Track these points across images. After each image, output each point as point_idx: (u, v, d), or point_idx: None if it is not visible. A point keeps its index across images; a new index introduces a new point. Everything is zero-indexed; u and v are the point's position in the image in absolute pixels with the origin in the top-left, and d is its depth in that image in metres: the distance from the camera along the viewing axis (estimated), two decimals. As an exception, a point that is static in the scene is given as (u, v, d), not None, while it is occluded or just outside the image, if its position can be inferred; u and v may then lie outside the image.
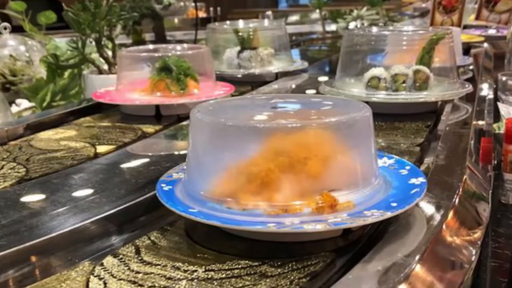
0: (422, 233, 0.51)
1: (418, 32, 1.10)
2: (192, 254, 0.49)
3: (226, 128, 0.52)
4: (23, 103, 1.28)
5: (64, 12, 1.22)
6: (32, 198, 0.61)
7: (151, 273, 0.46)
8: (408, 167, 0.61)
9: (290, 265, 0.46)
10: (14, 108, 1.25)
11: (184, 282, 0.44)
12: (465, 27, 2.08)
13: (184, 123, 0.94)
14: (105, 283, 0.45)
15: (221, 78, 1.20)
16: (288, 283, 0.43)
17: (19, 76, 1.36)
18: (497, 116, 0.97)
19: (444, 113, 0.97)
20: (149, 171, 0.70)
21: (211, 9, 3.48)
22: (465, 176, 0.65)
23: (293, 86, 1.29)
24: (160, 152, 0.82)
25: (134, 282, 0.44)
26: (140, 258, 0.48)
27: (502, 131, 0.80)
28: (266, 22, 1.66)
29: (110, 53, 1.29)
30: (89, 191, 0.63)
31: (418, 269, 0.45)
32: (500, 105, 0.93)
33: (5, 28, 1.49)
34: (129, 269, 0.46)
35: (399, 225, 0.52)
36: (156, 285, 0.44)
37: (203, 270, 0.46)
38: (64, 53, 1.40)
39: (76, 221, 0.54)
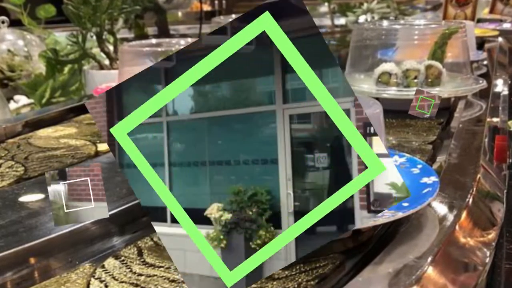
0: (434, 234, 0.50)
1: (430, 26, 1.09)
2: (196, 256, 0.48)
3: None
4: (22, 100, 1.27)
5: (64, 6, 1.22)
6: (31, 198, 0.61)
7: (154, 275, 0.45)
8: (420, 166, 0.60)
9: (298, 267, 0.45)
10: (12, 105, 1.24)
11: (188, 285, 0.43)
12: (479, 20, 2.06)
13: (188, 119, 0.92)
14: (106, 286, 0.44)
15: (225, 73, 1.18)
16: (296, 285, 0.43)
17: (17, 71, 1.35)
18: (512, 113, 0.96)
19: (457, 110, 0.97)
20: (152, 169, 0.69)
21: (216, 2, 3.46)
22: (478, 175, 0.64)
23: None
24: (163, 149, 0.81)
25: (137, 285, 0.44)
26: (142, 259, 0.48)
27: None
28: (271, 15, 1.64)
29: (111, 47, 1.29)
30: (90, 190, 0.62)
31: (430, 271, 0.45)
32: (514, 101, 0.92)
33: (3, 22, 1.48)
34: (131, 271, 0.46)
35: (411, 226, 0.52)
36: (159, 287, 0.43)
37: (208, 273, 0.45)
38: (64, 48, 1.39)
39: (76, 221, 0.54)
